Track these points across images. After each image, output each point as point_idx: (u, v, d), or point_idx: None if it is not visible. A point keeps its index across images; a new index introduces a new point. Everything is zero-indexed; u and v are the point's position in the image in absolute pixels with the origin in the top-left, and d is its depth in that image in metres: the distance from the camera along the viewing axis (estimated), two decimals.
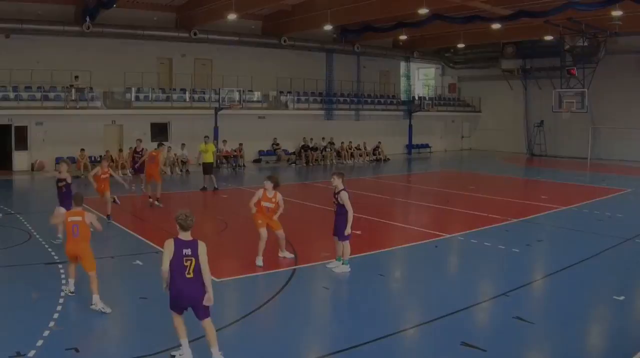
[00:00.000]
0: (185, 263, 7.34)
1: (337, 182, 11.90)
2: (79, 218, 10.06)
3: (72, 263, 10.36)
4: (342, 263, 11.93)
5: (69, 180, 14.59)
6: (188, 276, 7.35)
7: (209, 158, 23.80)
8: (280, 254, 12.78)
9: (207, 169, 23.83)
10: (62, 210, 13.28)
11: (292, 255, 12.85)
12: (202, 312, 7.52)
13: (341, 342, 8.38)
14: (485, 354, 7.94)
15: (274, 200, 12.37)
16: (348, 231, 11.73)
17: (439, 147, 48.47)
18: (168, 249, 7.36)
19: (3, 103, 29.17)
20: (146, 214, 19.29)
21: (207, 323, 7.58)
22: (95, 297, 9.66)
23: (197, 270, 7.37)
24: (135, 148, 24.40)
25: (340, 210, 11.88)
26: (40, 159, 29.27)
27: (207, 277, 7.43)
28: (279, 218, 12.49)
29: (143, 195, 21.10)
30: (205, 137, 24.98)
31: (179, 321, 7.63)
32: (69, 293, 10.20)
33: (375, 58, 44.99)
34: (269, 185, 12.39)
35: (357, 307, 10.11)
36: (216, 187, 23.87)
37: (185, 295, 7.43)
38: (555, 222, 17.76)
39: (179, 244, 7.39)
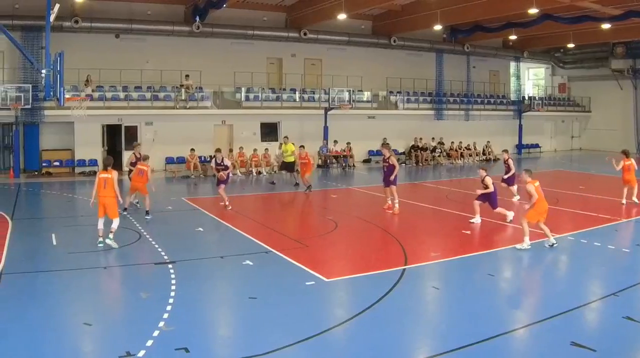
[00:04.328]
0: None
1: (385, 152, 19.40)
2: (108, 175, 13.72)
3: (100, 216, 13.72)
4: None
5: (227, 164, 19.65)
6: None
7: (290, 158, 25.18)
8: None
9: (289, 166, 25.50)
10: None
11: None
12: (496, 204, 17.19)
13: (450, 342, 8.48)
14: (595, 354, 8.00)
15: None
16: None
17: (548, 147, 47.67)
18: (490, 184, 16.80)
19: (113, 103, 30.11)
20: (258, 215, 19.86)
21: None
22: (111, 235, 13.69)
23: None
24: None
25: (389, 169, 18.75)
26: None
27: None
28: None
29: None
30: (284, 137, 26.01)
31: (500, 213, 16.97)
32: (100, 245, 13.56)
33: (485, 58, 44.56)
34: None
35: (466, 306, 10.24)
36: (274, 182, 26.72)
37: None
38: None
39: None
